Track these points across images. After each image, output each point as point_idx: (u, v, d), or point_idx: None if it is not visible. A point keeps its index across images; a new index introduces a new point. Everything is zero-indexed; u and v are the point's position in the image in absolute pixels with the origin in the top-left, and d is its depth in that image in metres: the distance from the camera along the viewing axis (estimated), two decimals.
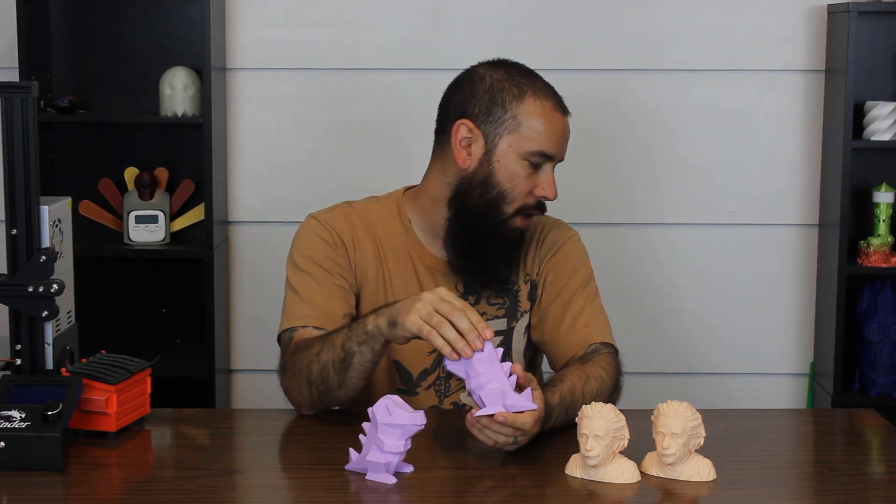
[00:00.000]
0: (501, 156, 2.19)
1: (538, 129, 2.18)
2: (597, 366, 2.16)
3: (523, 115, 2.18)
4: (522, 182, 2.19)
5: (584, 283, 2.31)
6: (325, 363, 2.05)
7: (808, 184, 3.59)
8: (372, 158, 3.57)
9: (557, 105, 2.21)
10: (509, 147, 2.18)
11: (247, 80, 3.58)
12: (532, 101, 2.19)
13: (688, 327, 3.65)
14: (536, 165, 2.19)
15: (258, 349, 3.60)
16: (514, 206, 2.20)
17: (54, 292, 1.96)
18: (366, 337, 2.01)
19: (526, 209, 2.21)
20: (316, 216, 2.30)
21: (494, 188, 2.19)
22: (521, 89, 2.19)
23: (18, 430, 1.86)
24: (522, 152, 2.18)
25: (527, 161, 2.18)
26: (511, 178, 2.19)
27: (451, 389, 2.29)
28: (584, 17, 3.54)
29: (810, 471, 2.05)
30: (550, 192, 2.20)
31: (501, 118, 2.18)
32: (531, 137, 2.18)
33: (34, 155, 1.96)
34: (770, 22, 3.55)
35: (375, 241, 2.28)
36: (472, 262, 2.24)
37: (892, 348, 3.48)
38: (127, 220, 3.48)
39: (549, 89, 2.22)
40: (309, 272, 2.23)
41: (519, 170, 2.19)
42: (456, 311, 1.91)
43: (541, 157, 2.19)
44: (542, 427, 1.96)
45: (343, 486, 1.83)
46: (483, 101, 2.19)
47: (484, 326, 1.91)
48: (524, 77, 2.22)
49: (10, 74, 3.46)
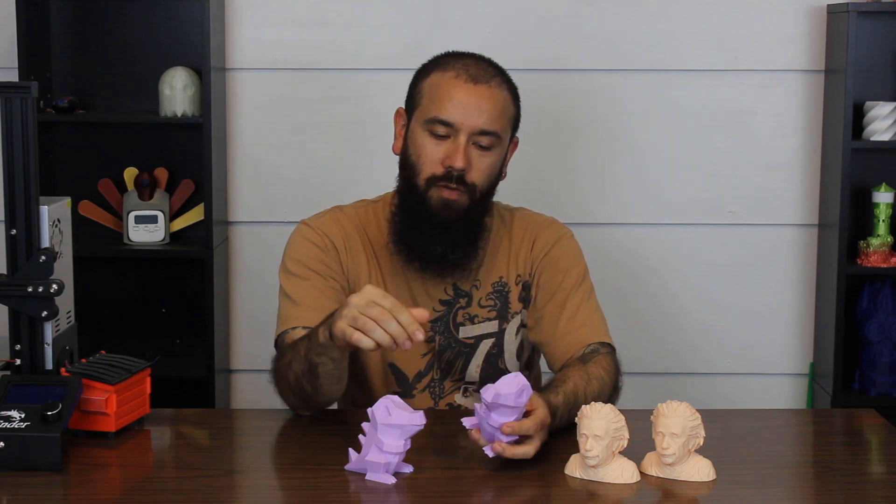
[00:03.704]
0: (412, 132, 2.24)
1: (436, 97, 2.21)
2: (597, 366, 2.16)
3: (426, 88, 2.23)
4: (428, 152, 2.20)
5: (579, 282, 2.30)
6: (297, 373, 2.06)
7: (808, 184, 3.59)
8: (372, 158, 3.57)
9: (463, 74, 2.21)
10: (415, 122, 2.23)
11: (246, 80, 3.58)
12: (437, 74, 2.23)
13: (687, 327, 3.65)
14: (441, 136, 2.19)
15: (258, 349, 3.60)
16: (423, 176, 2.21)
17: (54, 292, 1.96)
18: (321, 348, 1.99)
19: (435, 179, 2.20)
20: (307, 222, 2.31)
21: (409, 164, 2.23)
22: (432, 66, 2.25)
23: (18, 430, 1.86)
24: (422, 123, 2.21)
25: (428, 131, 2.20)
26: (417, 150, 2.22)
27: (445, 391, 2.29)
28: (583, 18, 3.54)
29: (810, 471, 2.05)
30: (457, 160, 2.18)
31: (413, 97, 2.25)
32: (429, 107, 2.21)
33: (34, 155, 1.96)
34: (770, 22, 3.55)
35: (367, 244, 2.28)
36: (407, 244, 2.24)
37: (892, 348, 3.48)
38: (126, 220, 3.48)
39: (460, 64, 2.22)
40: (301, 276, 2.23)
41: (423, 141, 2.21)
42: (384, 315, 1.86)
43: (439, 124, 2.19)
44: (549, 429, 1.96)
45: (343, 486, 1.83)
46: (410, 87, 2.27)
47: (415, 328, 1.86)
48: (446, 57, 2.26)
49: (10, 74, 3.46)
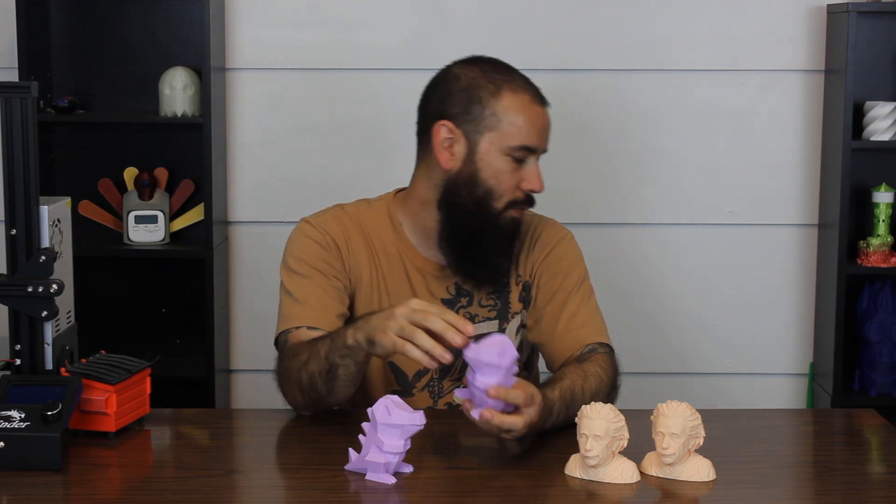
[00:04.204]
0: (484, 153, 2.19)
1: (518, 123, 2.18)
2: (595, 364, 2.16)
3: (502, 112, 2.18)
4: (507, 177, 2.19)
5: (579, 284, 2.31)
6: (312, 373, 2.05)
7: (808, 184, 3.60)
8: (372, 159, 3.57)
9: (535, 97, 2.20)
10: (491, 144, 2.18)
11: (246, 80, 3.58)
12: (509, 96, 2.18)
13: (687, 327, 3.65)
14: (520, 160, 2.19)
15: (258, 349, 3.60)
16: (502, 201, 2.20)
17: (54, 292, 1.96)
18: (347, 351, 2.00)
19: (516, 203, 2.21)
20: (308, 220, 2.30)
21: (481, 186, 2.19)
22: (497, 85, 2.19)
23: (18, 430, 1.86)
24: (504, 148, 2.18)
25: (510, 157, 2.18)
26: (496, 174, 2.19)
27: (444, 390, 2.30)
28: (583, 17, 3.54)
29: (810, 471, 2.05)
30: (536, 184, 2.20)
31: (480, 116, 2.18)
32: (512, 133, 2.18)
33: (34, 155, 1.96)
34: (770, 22, 3.55)
35: (368, 244, 2.28)
36: (469, 261, 2.24)
37: (892, 348, 3.48)
38: (126, 220, 3.48)
39: (525, 82, 2.22)
40: (303, 274, 2.23)
41: (503, 166, 2.18)
42: (428, 317, 1.88)
43: (523, 151, 2.19)
44: (543, 424, 1.97)
45: (343, 486, 1.83)
46: (460, 100, 2.19)
47: (463, 323, 1.88)
48: (498, 72, 2.22)
49: (10, 74, 3.46)
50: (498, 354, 1.86)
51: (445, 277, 2.28)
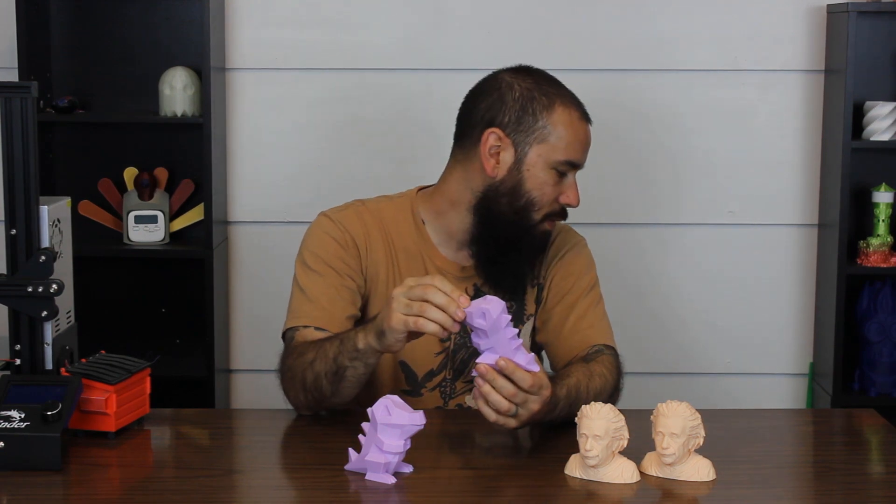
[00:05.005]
0: (531, 165, 2.21)
1: (566, 138, 2.21)
2: (600, 365, 2.17)
3: (553, 125, 2.20)
4: (550, 190, 2.22)
5: (589, 288, 2.32)
6: (318, 373, 2.05)
7: (808, 184, 3.60)
8: (372, 158, 3.57)
9: (583, 114, 2.25)
10: (539, 156, 2.20)
11: (246, 80, 3.58)
12: (561, 110, 2.21)
13: (687, 327, 3.65)
14: (563, 174, 2.22)
15: (258, 349, 3.60)
16: (541, 213, 2.23)
17: (54, 292, 1.96)
18: (357, 353, 2.00)
19: (551, 215, 2.25)
20: (328, 214, 2.28)
21: (523, 196, 2.21)
22: (551, 99, 2.21)
23: (18, 430, 1.86)
24: (552, 161, 2.21)
25: (555, 170, 2.21)
26: (540, 186, 2.21)
27: (456, 391, 2.29)
28: (583, 18, 3.54)
29: (810, 471, 2.05)
30: (575, 199, 2.25)
31: (532, 127, 2.20)
32: (560, 147, 2.21)
33: (34, 155, 1.96)
34: (770, 22, 3.55)
35: (387, 242, 2.28)
36: (499, 266, 2.26)
37: (891, 348, 3.48)
38: (126, 220, 3.48)
39: (573, 98, 2.25)
40: (318, 271, 2.23)
41: (547, 178, 2.21)
42: (428, 289, 1.88)
43: (567, 165, 2.22)
44: (545, 416, 1.97)
45: (343, 486, 1.83)
46: (513, 110, 2.21)
47: (458, 294, 1.88)
48: (551, 86, 2.24)
49: (10, 74, 3.46)
50: (497, 313, 1.85)
51: (465, 278, 2.28)
